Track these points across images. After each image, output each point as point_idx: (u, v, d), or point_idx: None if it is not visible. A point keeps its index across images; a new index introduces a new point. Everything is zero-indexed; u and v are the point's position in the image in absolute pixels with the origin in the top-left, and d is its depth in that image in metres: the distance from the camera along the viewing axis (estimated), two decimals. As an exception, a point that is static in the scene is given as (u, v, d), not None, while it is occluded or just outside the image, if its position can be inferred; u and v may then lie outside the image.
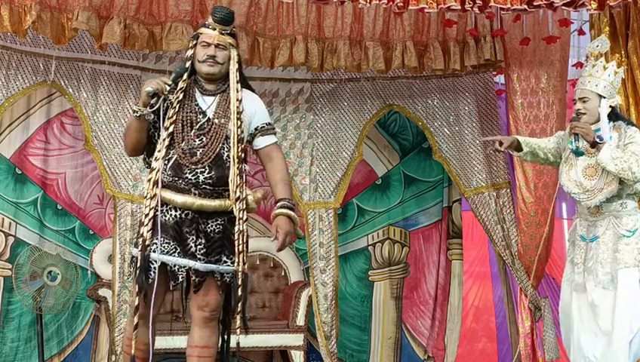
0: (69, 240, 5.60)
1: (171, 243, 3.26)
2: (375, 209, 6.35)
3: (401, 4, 4.23)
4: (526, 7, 4.34)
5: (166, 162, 3.31)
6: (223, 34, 3.40)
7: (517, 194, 5.29)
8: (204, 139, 3.32)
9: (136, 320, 3.25)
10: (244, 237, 3.30)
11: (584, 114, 4.04)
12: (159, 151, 3.31)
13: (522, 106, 5.25)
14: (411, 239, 6.35)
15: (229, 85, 3.42)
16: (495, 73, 5.71)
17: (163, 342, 5.21)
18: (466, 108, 5.71)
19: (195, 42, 3.43)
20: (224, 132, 3.34)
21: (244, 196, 3.32)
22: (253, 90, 3.59)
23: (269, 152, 3.48)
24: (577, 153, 4.05)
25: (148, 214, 3.25)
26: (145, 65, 5.39)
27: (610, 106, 4.06)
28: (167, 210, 3.29)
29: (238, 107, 3.37)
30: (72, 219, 5.64)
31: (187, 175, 3.28)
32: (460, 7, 4.29)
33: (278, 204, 3.34)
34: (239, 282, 3.28)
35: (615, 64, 4.15)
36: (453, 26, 5.18)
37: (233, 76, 3.42)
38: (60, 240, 5.53)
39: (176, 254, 3.26)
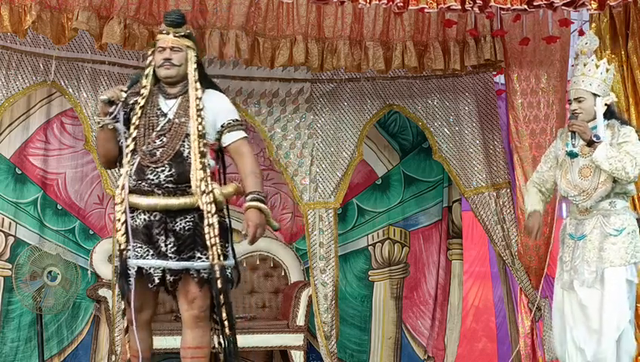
0: (69, 240, 5.59)
1: (144, 247, 3.30)
2: (375, 209, 6.35)
3: (401, 4, 4.23)
4: (526, 7, 4.33)
5: (131, 167, 3.35)
6: (176, 36, 3.47)
7: (517, 194, 5.29)
8: (164, 139, 3.36)
9: (125, 324, 3.33)
10: (215, 230, 3.29)
11: (580, 113, 4.06)
12: (125, 156, 3.37)
13: (522, 106, 5.25)
14: (411, 239, 6.35)
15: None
16: (495, 73, 5.71)
17: (163, 342, 5.21)
18: (466, 108, 5.71)
19: (153, 49, 3.51)
20: (184, 130, 3.37)
21: (209, 190, 3.32)
22: (219, 90, 3.63)
23: (238, 147, 3.50)
24: (572, 155, 4.07)
25: (119, 219, 3.31)
26: (145, 65, 5.38)
27: (606, 104, 4.07)
28: (137, 215, 3.34)
29: (198, 104, 3.40)
30: (72, 219, 5.64)
31: (149, 176, 3.32)
32: (460, 7, 4.29)
33: (248, 197, 3.36)
34: (217, 275, 3.27)
35: (606, 61, 4.15)
36: (453, 26, 5.17)
37: (191, 76, 3.46)
38: (60, 240, 5.52)
39: (149, 257, 3.30)
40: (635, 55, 4.78)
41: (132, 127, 3.38)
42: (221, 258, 3.30)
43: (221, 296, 3.28)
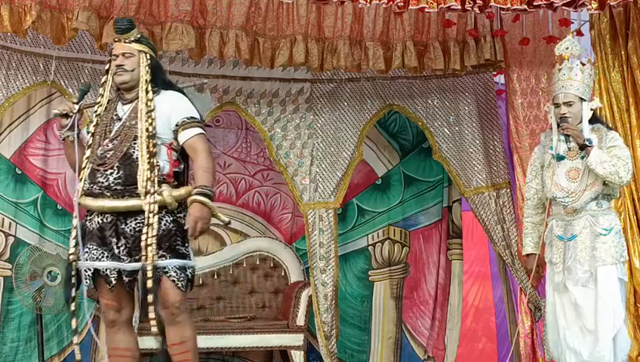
0: (69, 240, 5.58)
1: (99, 249, 3.38)
2: (375, 209, 6.35)
3: (402, 3, 4.24)
4: (526, 7, 4.34)
5: (86, 172, 3.44)
6: (126, 42, 3.54)
7: (517, 194, 5.29)
8: (115, 142, 3.44)
9: (74, 324, 3.45)
10: (154, 231, 3.30)
11: (570, 117, 4.12)
12: (82, 163, 3.45)
13: (522, 106, 5.25)
14: (411, 239, 6.35)
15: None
16: (495, 73, 5.71)
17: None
18: (466, 108, 5.71)
19: (109, 58, 3.59)
20: (134, 132, 3.43)
21: (154, 190, 3.34)
22: (179, 90, 3.67)
23: (192, 144, 3.48)
24: (559, 158, 4.17)
25: (75, 225, 3.41)
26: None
27: (591, 109, 4.17)
28: (92, 218, 3.43)
29: (148, 105, 3.45)
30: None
31: (99, 179, 3.40)
32: (460, 7, 4.30)
33: (194, 191, 3.36)
34: (149, 275, 3.28)
35: (589, 66, 4.25)
36: (453, 26, 5.18)
37: (142, 79, 3.52)
38: (60, 240, 5.51)
39: (104, 258, 3.37)
40: (635, 55, 4.78)
41: (89, 136, 3.49)
42: (155, 258, 3.30)
43: (149, 296, 3.29)
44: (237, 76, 5.61)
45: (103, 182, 3.40)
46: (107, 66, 3.61)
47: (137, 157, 3.39)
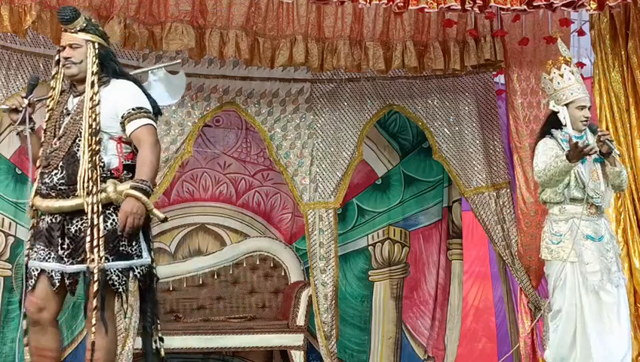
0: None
1: (46, 249, 3.31)
2: (375, 209, 6.35)
3: (401, 3, 4.24)
4: (526, 7, 4.34)
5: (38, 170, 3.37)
6: (72, 32, 3.38)
7: (517, 194, 5.29)
8: (61, 140, 3.33)
9: (25, 325, 3.31)
10: (100, 231, 3.20)
11: (586, 121, 4.19)
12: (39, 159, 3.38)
13: (522, 106, 5.25)
14: (411, 239, 6.35)
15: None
16: (495, 73, 5.71)
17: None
18: (466, 108, 5.71)
19: (59, 49, 3.45)
20: (78, 128, 3.30)
21: (97, 190, 3.21)
22: (131, 78, 3.50)
23: (137, 136, 3.31)
24: (597, 160, 4.23)
25: (31, 223, 3.36)
26: (145, 65, 5.38)
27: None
28: (43, 218, 3.36)
29: (92, 98, 3.30)
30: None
31: (46, 179, 3.32)
32: (460, 7, 4.30)
33: (129, 185, 3.20)
34: (95, 278, 3.18)
35: (576, 70, 4.35)
36: (454, 26, 5.18)
37: (89, 70, 3.36)
38: (60, 240, 5.51)
39: (50, 259, 3.29)
40: (635, 55, 4.78)
41: (42, 131, 3.38)
42: (102, 260, 3.19)
43: (94, 300, 3.19)
44: (237, 76, 5.60)
45: (48, 183, 3.31)
46: (56, 57, 3.45)
47: (80, 156, 3.27)
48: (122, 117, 3.32)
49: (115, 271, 3.25)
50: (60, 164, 3.29)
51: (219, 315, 5.78)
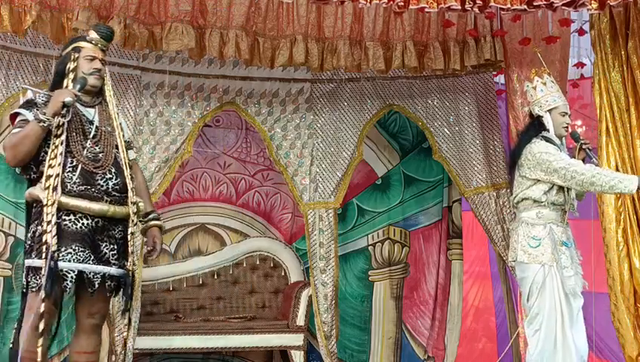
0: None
1: (85, 251, 3.33)
2: (375, 209, 6.35)
3: (402, 3, 4.23)
4: (526, 7, 4.33)
5: (69, 170, 3.36)
6: (103, 50, 3.60)
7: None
8: (101, 146, 3.46)
9: (42, 326, 3.23)
10: (137, 239, 3.53)
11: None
12: (53, 158, 3.35)
13: (522, 106, 5.25)
14: (411, 239, 6.36)
15: (102, 98, 3.60)
16: (495, 73, 5.71)
17: (163, 342, 5.22)
18: (466, 108, 5.71)
19: (77, 55, 3.53)
20: (113, 140, 3.51)
21: (136, 200, 3.50)
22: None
23: (135, 166, 3.72)
24: None
25: (50, 221, 3.27)
26: (145, 65, 5.39)
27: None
28: (76, 219, 3.34)
29: (117, 118, 3.60)
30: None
31: (99, 182, 3.38)
32: (460, 7, 4.29)
33: (150, 216, 3.62)
34: (131, 282, 3.44)
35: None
36: (453, 26, 5.18)
37: (109, 90, 3.62)
38: (60, 240, 5.51)
39: (90, 261, 3.33)
40: (635, 55, 4.77)
41: (59, 130, 3.37)
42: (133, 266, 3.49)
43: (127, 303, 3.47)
44: (237, 76, 5.61)
45: (102, 186, 3.38)
46: (73, 65, 3.52)
47: (122, 166, 3.48)
48: (126, 142, 3.65)
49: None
50: (113, 170, 3.43)
51: (219, 315, 5.78)
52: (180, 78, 5.45)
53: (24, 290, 3.35)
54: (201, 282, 5.95)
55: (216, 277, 5.99)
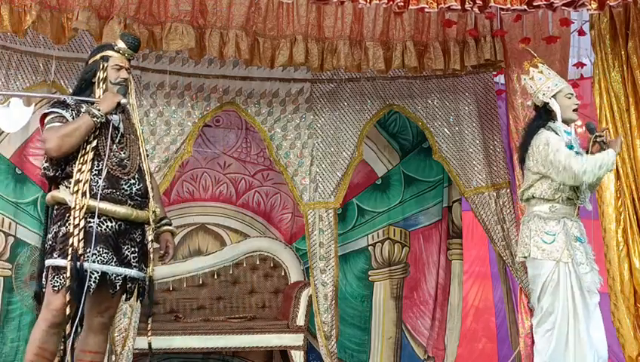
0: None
1: (109, 253, 3.35)
2: (375, 209, 6.35)
3: (402, 3, 4.23)
4: (526, 7, 4.33)
5: (95, 173, 3.38)
6: (129, 59, 3.61)
7: (517, 194, 5.28)
8: (126, 151, 3.49)
9: (67, 329, 3.29)
10: (154, 244, 3.51)
11: None
12: (83, 163, 3.38)
13: (522, 106, 5.25)
14: (411, 239, 6.36)
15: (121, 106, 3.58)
16: (495, 73, 5.71)
17: (163, 342, 5.21)
18: (466, 108, 5.71)
19: (105, 64, 3.54)
20: (137, 147, 3.55)
21: (154, 207, 3.52)
22: None
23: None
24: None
25: (78, 225, 3.30)
26: (145, 65, 5.39)
27: None
28: (101, 221, 3.37)
29: (139, 126, 3.65)
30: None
31: (124, 186, 3.42)
32: (460, 7, 4.29)
33: (163, 222, 3.61)
34: (148, 286, 3.48)
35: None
36: (453, 26, 5.18)
37: (133, 100, 3.63)
38: (60, 240, 5.51)
39: (113, 263, 3.36)
40: (635, 55, 4.77)
41: (91, 135, 3.39)
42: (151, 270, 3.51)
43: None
44: (237, 76, 5.61)
45: (126, 190, 3.42)
46: (104, 72, 3.53)
47: (144, 172, 3.52)
48: None
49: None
50: (137, 176, 3.47)
51: (219, 315, 5.78)
52: (179, 78, 5.44)
53: (42, 289, 3.38)
54: (201, 282, 5.95)
55: (216, 277, 5.99)
